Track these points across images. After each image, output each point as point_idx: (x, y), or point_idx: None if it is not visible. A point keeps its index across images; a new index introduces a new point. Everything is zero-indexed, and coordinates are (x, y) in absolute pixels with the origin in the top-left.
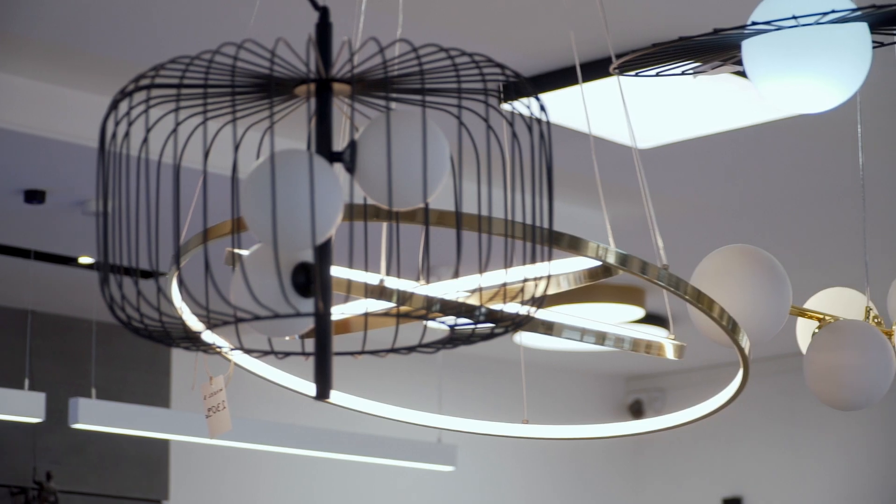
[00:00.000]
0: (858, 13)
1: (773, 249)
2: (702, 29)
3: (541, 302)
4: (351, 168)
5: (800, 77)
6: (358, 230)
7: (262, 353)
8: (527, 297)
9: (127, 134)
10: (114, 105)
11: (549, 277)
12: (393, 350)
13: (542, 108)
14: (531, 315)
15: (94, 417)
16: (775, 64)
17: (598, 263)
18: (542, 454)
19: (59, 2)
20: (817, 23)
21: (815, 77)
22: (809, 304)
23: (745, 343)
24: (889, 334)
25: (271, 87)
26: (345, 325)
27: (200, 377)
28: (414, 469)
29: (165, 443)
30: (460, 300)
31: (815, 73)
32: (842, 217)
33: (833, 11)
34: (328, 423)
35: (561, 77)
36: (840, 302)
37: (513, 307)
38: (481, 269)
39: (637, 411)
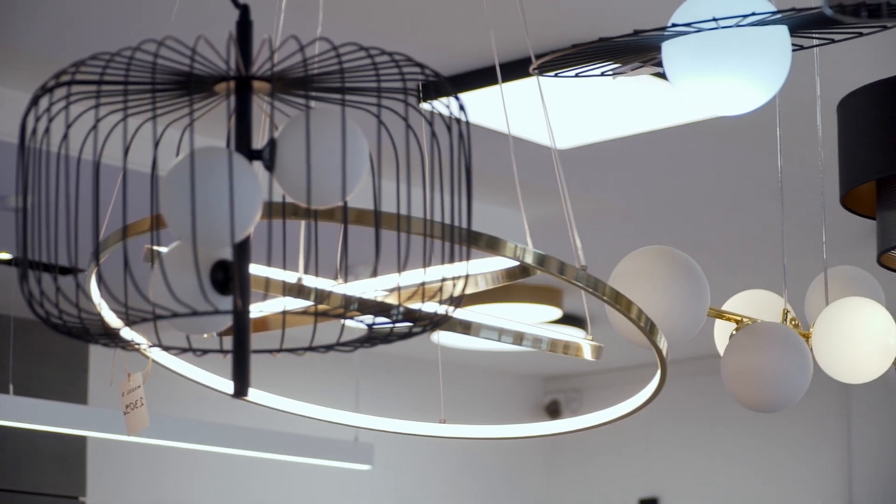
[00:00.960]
0: (779, 16)
1: (692, 251)
2: (622, 30)
3: (459, 301)
4: (270, 166)
5: (719, 79)
6: (276, 228)
7: (181, 351)
8: (445, 296)
9: (47, 130)
10: (34, 101)
11: (467, 277)
12: (311, 348)
13: (462, 108)
14: (449, 314)
15: (11, 414)
16: (695, 66)
17: (516, 263)
18: (459, 454)
19: None
20: (737, 25)
21: (734, 79)
22: (727, 306)
23: (663, 344)
24: (806, 336)
25: (191, 85)
26: (263, 323)
27: (118, 374)
28: (330, 468)
29: (83, 439)
30: (378, 299)
31: (734, 75)
32: (760, 220)
33: (753, 14)
34: (245, 421)
35: (480, 77)
36: (758, 304)
37: (431, 306)
38: (400, 268)
39: (554, 412)
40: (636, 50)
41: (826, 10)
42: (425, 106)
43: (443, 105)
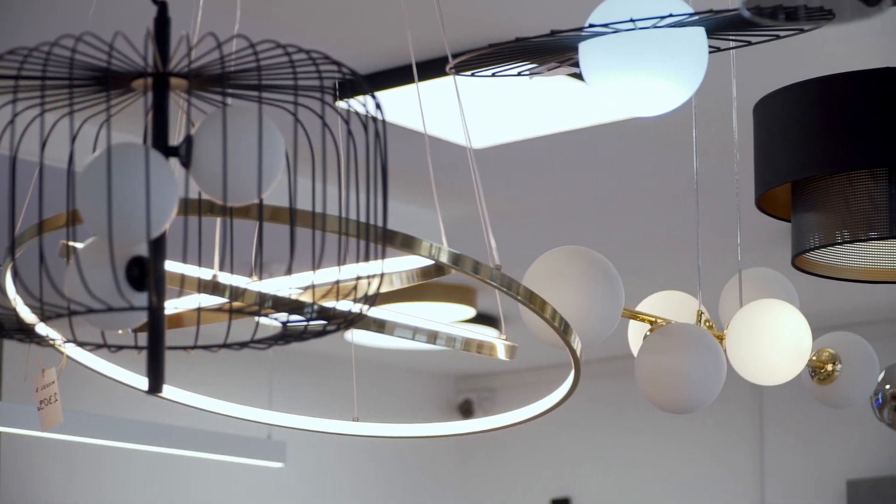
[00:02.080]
0: (696, 18)
1: (607, 252)
2: (539, 30)
3: (373, 300)
4: (186, 163)
5: (636, 80)
6: (192, 225)
7: (95, 347)
8: (359, 294)
9: None
10: None
11: (381, 275)
12: (225, 345)
13: (378, 107)
14: (363, 313)
15: None
16: (611, 66)
17: (431, 262)
18: (372, 452)
19: None
20: (655, 26)
21: (650, 80)
22: (641, 307)
23: (577, 344)
24: (720, 338)
25: (108, 81)
26: (178, 320)
27: (33, 369)
28: (243, 465)
29: None
30: (293, 297)
31: (651, 76)
32: (675, 221)
33: (671, 15)
34: (159, 417)
35: (397, 75)
36: (672, 305)
37: (345, 305)
38: (315, 266)
39: (467, 411)
40: (553, 50)
41: (744, 12)
42: (342, 104)
43: (359, 103)
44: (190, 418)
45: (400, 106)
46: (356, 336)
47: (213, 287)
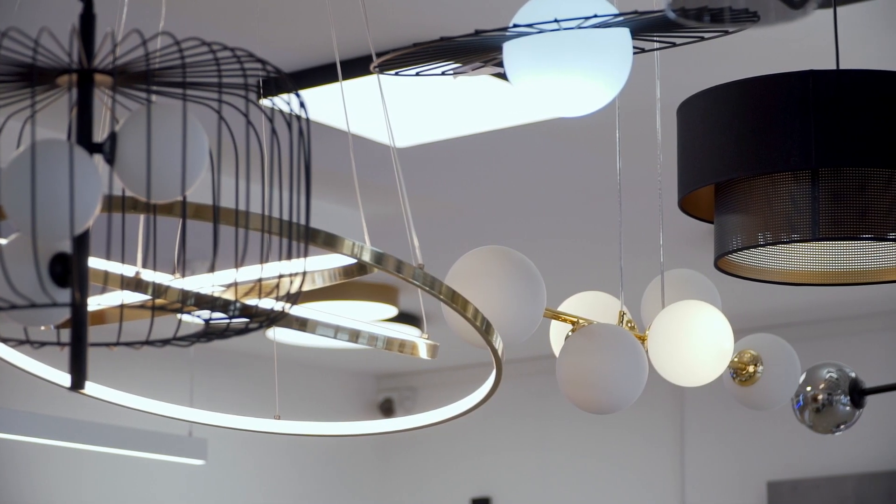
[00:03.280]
0: (621, 19)
1: (530, 252)
2: (464, 30)
3: (295, 298)
4: (111, 160)
5: (559, 80)
6: (116, 222)
7: (18, 343)
8: (282, 292)
9: None
10: None
11: (304, 274)
12: (147, 342)
13: (302, 105)
14: (286, 311)
15: None
16: (535, 66)
17: (354, 261)
18: (293, 450)
19: None
20: (579, 27)
21: (574, 81)
22: (563, 307)
23: (499, 344)
24: (642, 339)
25: (33, 77)
26: (100, 317)
27: None
28: (164, 462)
29: None
30: (215, 294)
31: (574, 76)
32: (598, 222)
33: (595, 16)
34: (80, 414)
35: (322, 74)
36: (594, 306)
37: (268, 303)
38: (237, 263)
39: (388, 410)
40: (477, 50)
41: (669, 14)
42: (266, 102)
43: (283, 102)
44: (111, 415)
45: (324, 104)
46: (278, 334)
47: (136, 284)
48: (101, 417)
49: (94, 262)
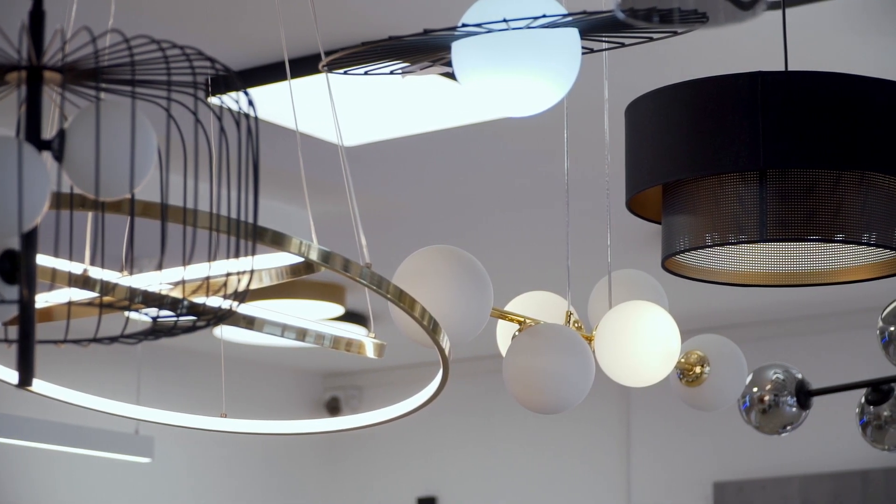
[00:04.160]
0: (569, 19)
1: (478, 251)
2: (413, 29)
3: (243, 296)
4: (59, 157)
5: (507, 80)
6: (64, 219)
7: None
8: (229, 291)
9: None
10: None
11: (252, 272)
12: (95, 340)
13: (251, 103)
14: (233, 309)
15: None
16: (483, 66)
17: (301, 260)
18: (240, 449)
19: None
20: (528, 27)
21: (522, 81)
22: (510, 307)
23: (446, 343)
24: (589, 339)
25: None
26: (48, 314)
27: None
28: (110, 460)
29: None
30: (163, 292)
31: (522, 76)
32: (546, 222)
33: (544, 16)
34: (26, 411)
35: (270, 72)
36: (541, 305)
37: (215, 301)
38: (185, 261)
39: (334, 409)
40: (426, 49)
41: (618, 14)
42: (215, 100)
43: (232, 100)
44: (57, 413)
45: (273, 103)
46: (225, 332)
47: (83, 281)
48: (48, 415)
49: (42, 260)
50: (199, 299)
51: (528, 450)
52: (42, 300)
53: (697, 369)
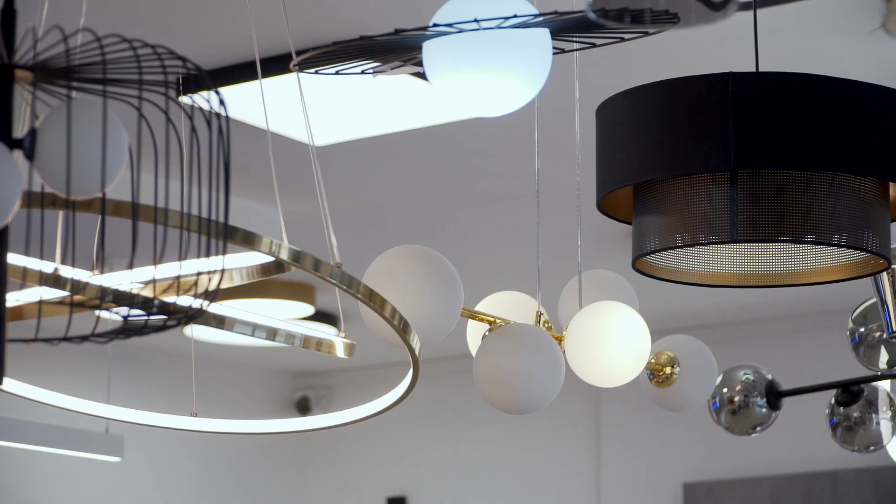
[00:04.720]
0: (540, 19)
1: (448, 251)
2: (384, 29)
3: (214, 295)
4: (30, 155)
5: (478, 80)
6: (35, 218)
7: None
8: (200, 290)
9: None
10: None
11: (222, 271)
12: (65, 339)
13: (222, 103)
14: (204, 308)
15: None
16: (454, 66)
17: (272, 259)
18: (210, 448)
19: None
20: (499, 27)
21: (493, 81)
22: (481, 307)
23: (416, 343)
24: (559, 339)
25: None
26: (19, 313)
27: None
28: (80, 459)
29: None
30: (134, 291)
31: (493, 76)
32: (516, 222)
33: (515, 16)
34: None
35: (242, 72)
36: (511, 305)
37: (186, 300)
38: (156, 260)
39: (304, 408)
40: (397, 49)
41: (589, 14)
42: (186, 99)
43: (203, 99)
44: (27, 411)
45: (244, 102)
46: (196, 331)
47: (54, 280)
48: (18, 413)
49: (13, 258)
50: (169, 298)
51: (498, 449)
52: (13, 299)
53: (668, 370)
